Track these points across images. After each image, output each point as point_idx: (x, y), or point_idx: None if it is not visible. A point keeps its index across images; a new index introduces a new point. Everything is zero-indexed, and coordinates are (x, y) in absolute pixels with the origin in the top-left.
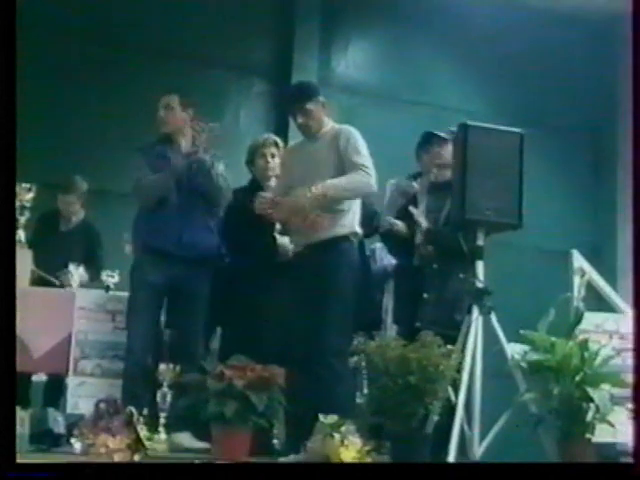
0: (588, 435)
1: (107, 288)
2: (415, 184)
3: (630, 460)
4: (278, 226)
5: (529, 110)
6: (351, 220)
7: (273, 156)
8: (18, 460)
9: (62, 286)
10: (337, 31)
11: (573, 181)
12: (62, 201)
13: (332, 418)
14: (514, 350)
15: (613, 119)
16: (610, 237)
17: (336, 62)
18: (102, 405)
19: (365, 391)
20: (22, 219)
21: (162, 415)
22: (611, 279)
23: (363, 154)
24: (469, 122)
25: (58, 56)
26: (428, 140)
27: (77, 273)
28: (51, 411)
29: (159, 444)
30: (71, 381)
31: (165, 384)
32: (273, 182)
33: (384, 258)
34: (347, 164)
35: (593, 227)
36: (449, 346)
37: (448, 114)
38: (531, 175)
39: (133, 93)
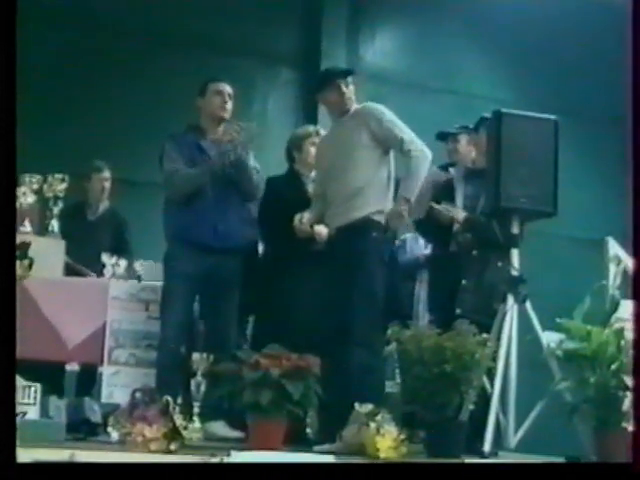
0: (624, 424)
1: (139, 277)
2: (450, 171)
3: None
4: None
5: (558, 98)
6: (375, 200)
7: (314, 145)
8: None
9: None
10: (364, 19)
11: (602, 169)
12: (91, 185)
13: (367, 407)
14: (549, 339)
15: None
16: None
17: (364, 50)
18: (138, 394)
19: (399, 380)
20: (55, 209)
21: (196, 404)
22: None
23: (400, 126)
24: (503, 109)
25: (84, 46)
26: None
27: (110, 263)
28: (87, 400)
29: (194, 433)
30: (105, 370)
31: (199, 373)
32: (314, 173)
33: (415, 248)
34: (390, 140)
35: (623, 215)
36: (484, 334)
37: (476, 102)
38: (561, 163)
39: (159, 82)
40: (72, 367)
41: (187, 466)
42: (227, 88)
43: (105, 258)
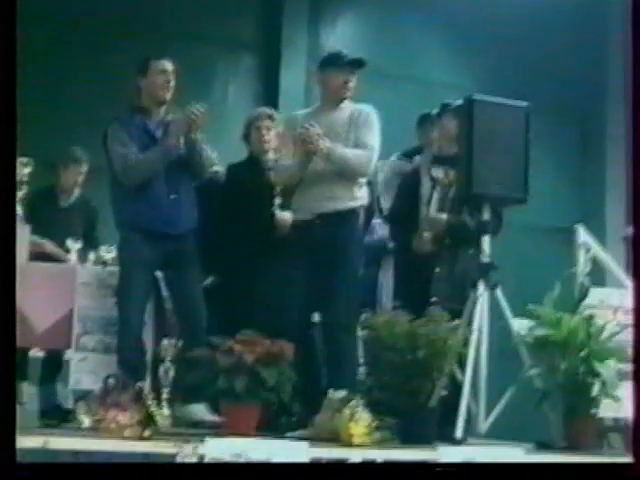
0: (593, 410)
1: (104, 263)
2: (414, 160)
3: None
4: (278, 200)
5: (517, 86)
6: (364, 193)
7: (268, 129)
8: (27, 438)
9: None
10: (326, 5)
11: (561, 158)
12: (67, 174)
13: (341, 393)
14: (520, 325)
15: (601, 98)
16: (598, 213)
17: (325, 36)
18: (110, 380)
19: (372, 367)
20: (19, 194)
21: (165, 390)
22: None
23: (375, 135)
24: (475, 96)
25: (56, 30)
26: (432, 113)
27: (75, 248)
28: (59, 387)
29: (163, 419)
30: (73, 357)
31: (168, 359)
32: (271, 155)
33: (381, 234)
34: (359, 141)
35: (581, 203)
36: (456, 321)
37: (436, 89)
38: None
39: (124, 69)
40: (36, 353)
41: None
42: (169, 66)
43: (70, 243)
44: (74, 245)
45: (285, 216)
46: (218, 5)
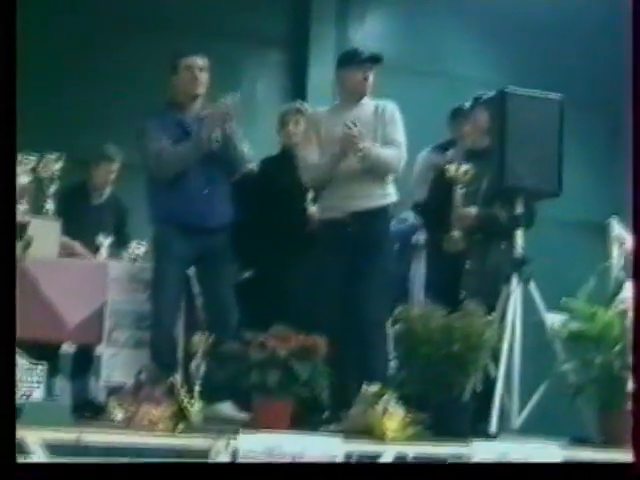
0: (628, 405)
1: (135, 259)
2: (447, 153)
3: None
4: (311, 195)
5: (547, 81)
6: (393, 190)
7: (298, 124)
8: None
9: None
10: (354, 1)
11: (594, 152)
12: (98, 172)
13: (374, 388)
14: (553, 320)
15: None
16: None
17: (353, 32)
18: (143, 375)
19: (405, 361)
20: (51, 189)
21: (197, 385)
22: None
23: (401, 131)
24: (508, 89)
25: (88, 27)
26: (465, 107)
27: (105, 244)
28: (92, 382)
29: (195, 414)
30: (105, 352)
31: (199, 354)
32: (303, 149)
33: (413, 228)
34: (388, 138)
35: (613, 197)
36: (491, 315)
37: (465, 84)
38: None
39: (156, 66)
40: (69, 348)
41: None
42: (198, 62)
43: (101, 239)
44: (105, 241)
45: (315, 211)
46: (246, 1)
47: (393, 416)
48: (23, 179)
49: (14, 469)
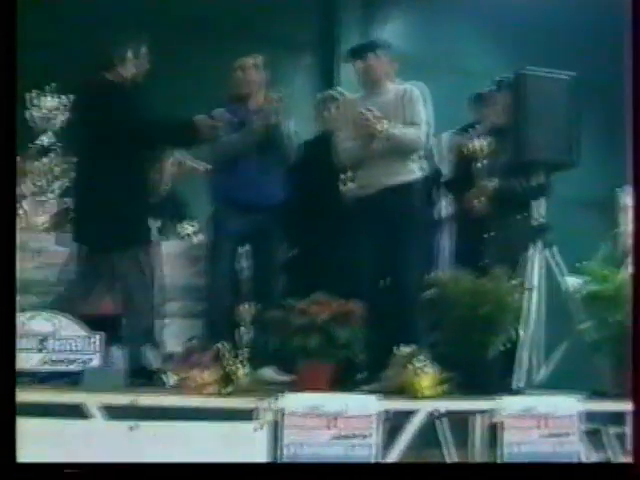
0: None
1: (186, 236)
2: (470, 132)
3: None
4: (345, 175)
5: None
6: (421, 166)
7: (333, 109)
8: (117, 396)
9: None
10: (377, 7)
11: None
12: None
13: (406, 349)
14: (572, 282)
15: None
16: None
17: (377, 34)
18: (193, 342)
19: (437, 323)
20: None
21: (243, 351)
22: None
23: (423, 112)
24: (525, 70)
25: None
26: (486, 91)
27: (155, 226)
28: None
29: (241, 378)
30: (158, 321)
31: (245, 322)
32: (339, 133)
33: (440, 202)
34: (409, 119)
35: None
36: (515, 279)
37: (479, 79)
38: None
39: (199, 65)
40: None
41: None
42: (250, 62)
43: (151, 222)
44: (155, 223)
45: (350, 189)
46: (275, 8)
47: (426, 375)
48: None
49: (14, 469)
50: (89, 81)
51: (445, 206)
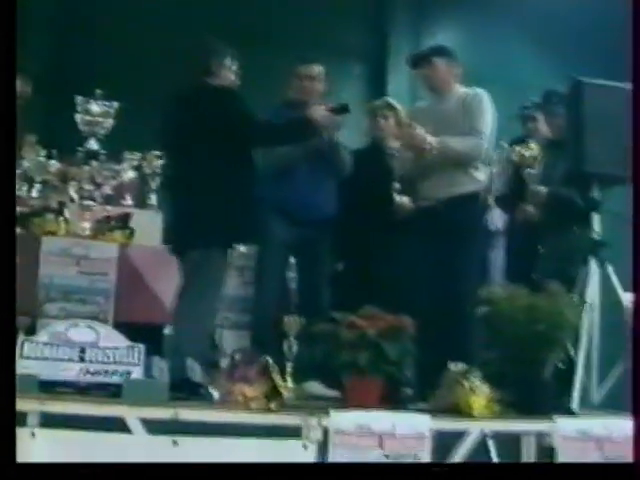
0: None
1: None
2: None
3: None
4: (397, 185)
5: None
6: (481, 176)
7: (386, 118)
8: (158, 410)
9: None
10: (427, 18)
11: None
12: None
13: (461, 366)
14: (629, 299)
15: None
16: None
17: (426, 44)
18: (237, 355)
19: (490, 340)
20: (153, 184)
21: (289, 364)
22: None
23: (484, 120)
24: (583, 79)
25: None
26: (535, 102)
27: None
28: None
29: (287, 393)
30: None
31: (292, 335)
32: (389, 143)
33: (493, 215)
34: (468, 127)
35: None
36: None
37: (531, 92)
38: None
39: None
40: (170, 329)
41: None
42: (310, 70)
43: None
44: None
45: (404, 201)
46: (331, 18)
47: (479, 394)
48: (129, 174)
49: (14, 469)
50: (193, 86)
51: (499, 218)
